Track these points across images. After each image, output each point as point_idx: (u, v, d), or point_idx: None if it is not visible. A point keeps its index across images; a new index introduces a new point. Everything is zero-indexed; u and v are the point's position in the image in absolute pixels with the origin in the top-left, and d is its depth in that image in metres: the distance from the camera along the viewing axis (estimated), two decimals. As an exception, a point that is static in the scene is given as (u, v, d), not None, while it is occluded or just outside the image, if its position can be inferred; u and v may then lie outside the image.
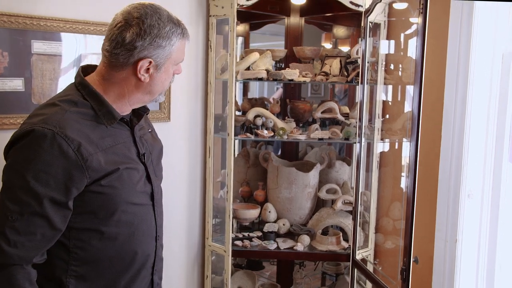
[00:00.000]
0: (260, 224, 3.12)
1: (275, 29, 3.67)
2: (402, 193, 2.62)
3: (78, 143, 1.33)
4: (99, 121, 1.43)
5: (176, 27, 1.45)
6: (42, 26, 2.22)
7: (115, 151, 1.44)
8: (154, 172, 1.59)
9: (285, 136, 2.96)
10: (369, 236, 3.04)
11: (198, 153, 3.00)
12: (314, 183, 3.11)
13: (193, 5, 2.85)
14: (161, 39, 1.41)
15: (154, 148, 1.64)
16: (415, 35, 2.22)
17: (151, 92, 1.49)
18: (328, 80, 3.01)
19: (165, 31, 1.41)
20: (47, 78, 2.27)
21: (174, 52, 1.45)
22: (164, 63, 1.45)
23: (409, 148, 2.24)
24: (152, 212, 1.56)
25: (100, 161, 1.38)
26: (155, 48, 1.41)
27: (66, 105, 1.41)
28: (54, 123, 1.33)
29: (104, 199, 1.40)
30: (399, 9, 2.91)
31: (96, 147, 1.38)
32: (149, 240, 1.56)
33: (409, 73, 2.70)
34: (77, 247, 1.43)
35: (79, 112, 1.40)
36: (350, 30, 3.66)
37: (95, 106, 1.43)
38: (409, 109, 2.50)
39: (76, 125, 1.37)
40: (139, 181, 1.50)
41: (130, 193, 1.46)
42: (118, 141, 1.47)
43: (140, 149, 1.54)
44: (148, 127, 1.70)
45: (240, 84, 3.81)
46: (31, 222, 1.32)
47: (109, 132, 1.46)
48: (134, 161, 1.50)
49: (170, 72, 1.49)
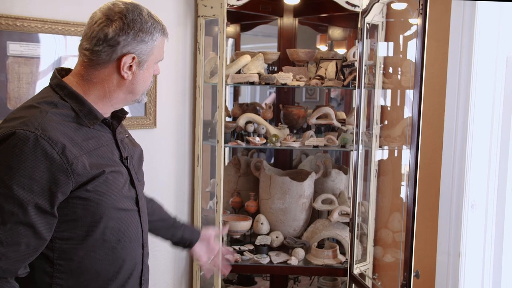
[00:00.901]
0: (252, 236, 3.11)
1: (268, 30, 3.68)
2: (402, 203, 2.62)
3: (62, 145, 1.34)
4: (80, 123, 1.44)
5: (157, 23, 1.50)
6: (19, 27, 2.20)
7: (99, 153, 1.45)
8: (136, 177, 1.60)
9: (278, 144, 2.96)
10: (368, 249, 3.03)
11: (186, 162, 2.99)
12: (309, 193, 3.10)
13: (180, 5, 2.84)
14: (144, 33, 1.45)
15: (134, 152, 1.66)
16: (414, 36, 2.23)
17: (133, 91, 1.51)
18: (323, 84, 3.01)
19: (147, 26, 1.46)
20: (24, 82, 2.25)
21: (156, 49, 1.49)
22: (146, 60, 1.48)
23: (409, 156, 2.24)
24: (138, 218, 1.57)
25: (85, 164, 1.38)
26: (138, 43, 1.45)
27: (45, 106, 1.40)
28: (36, 125, 1.33)
29: (90, 205, 1.40)
30: (397, 10, 2.92)
31: (80, 149, 1.39)
32: (136, 247, 1.56)
33: (409, 76, 2.71)
34: (62, 259, 1.42)
35: (60, 114, 1.40)
36: (347, 32, 3.67)
37: (76, 107, 1.44)
38: (409, 115, 2.51)
39: (59, 126, 1.37)
40: (124, 185, 1.50)
41: (116, 198, 1.46)
42: (102, 143, 1.48)
43: (123, 152, 1.56)
44: (125, 132, 1.71)
45: (231, 89, 3.82)
46: (15, 231, 1.30)
47: (92, 134, 1.46)
48: (119, 164, 1.51)
49: (151, 71, 1.53)
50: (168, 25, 2.77)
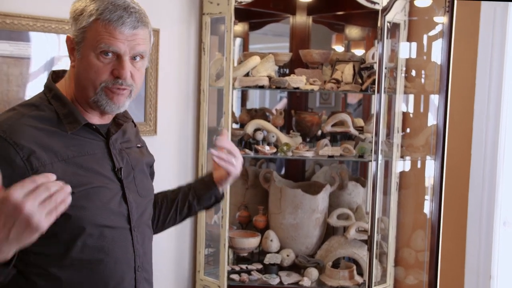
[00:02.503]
0: (261, 255, 3.10)
1: (279, 29, 3.68)
2: (426, 219, 2.62)
3: (29, 150, 1.33)
4: (62, 128, 1.43)
5: (95, 2, 1.41)
6: (8, 25, 2.20)
7: (79, 162, 1.42)
8: (136, 190, 1.57)
9: (289, 153, 2.95)
10: (388, 269, 3.01)
11: (189, 172, 2.98)
12: (323, 207, 3.09)
13: (184, 1, 2.85)
14: (77, 12, 1.42)
15: (138, 163, 1.63)
16: (440, 36, 2.23)
17: (80, 83, 1.44)
18: (339, 88, 3.01)
19: (81, 3, 1.43)
20: (14, 84, 2.26)
21: (89, 32, 1.41)
22: (81, 43, 1.42)
23: (433, 167, 2.23)
24: (129, 237, 1.52)
25: (56, 173, 1.30)
26: (73, 22, 1.43)
27: (25, 109, 1.41)
28: (4, 128, 1.34)
29: (67, 220, 1.37)
30: (421, 7, 2.93)
31: (54, 156, 1.37)
32: (125, 270, 1.51)
33: (433, 80, 2.70)
34: (35, 274, 1.40)
35: (38, 117, 1.40)
36: (365, 31, 3.67)
37: (59, 110, 1.44)
38: (434, 122, 2.50)
39: (32, 131, 1.36)
40: (111, 200, 1.47)
41: (99, 213, 1.43)
42: (86, 152, 1.45)
43: (117, 163, 1.52)
44: (137, 141, 1.69)
45: (238, 93, 3.82)
46: None
47: (75, 141, 1.44)
48: (104, 177, 1.47)
49: (92, 61, 1.42)
50: (171, 23, 2.82)
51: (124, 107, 1.49)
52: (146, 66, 1.53)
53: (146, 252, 1.61)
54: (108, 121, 1.54)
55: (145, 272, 1.60)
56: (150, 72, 2.74)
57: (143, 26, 1.44)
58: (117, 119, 1.57)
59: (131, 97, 1.48)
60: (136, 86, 1.47)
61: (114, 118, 1.56)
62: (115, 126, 1.56)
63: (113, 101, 1.44)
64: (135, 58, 1.44)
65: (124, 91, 1.44)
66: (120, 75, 1.41)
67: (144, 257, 1.59)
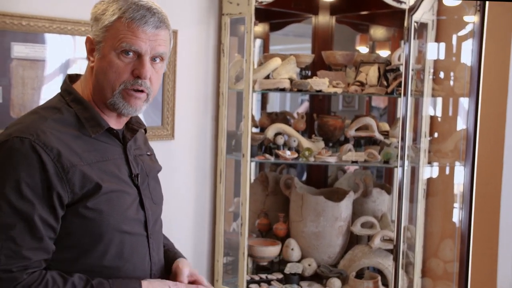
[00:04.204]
0: (281, 264, 3.09)
1: (300, 30, 3.69)
2: (455, 228, 2.60)
3: (58, 152, 1.36)
4: (84, 132, 1.45)
5: (118, 2, 1.45)
6: (24, 26, 2.23)
7: (102, 167, 1.45)
8: (150, 197, 1.59)
9: (311, 158, 2.95)
10: (414, 281, 2.99)
11: (207, 178, 2.99)
12: (347, 215, 3.08)
13: (203, 1, 2.85)
14: (98, 11, 1.45)
15: (152, 170, 1.65)
16: (470, 37, 2.24)
17: (98, 83, 1.47)
18: (363, 91, 3.00)
19: (104, 3, 1.46)
20: (29, 87, 2.28)
21: (112, 30, 1.43)
22: (101, 43, 1.45)
23: (463, 174, 2.24)
24: (146, 244, 1.55)
25: (85, 175, 1.38)
26: (94, 23, 1.46)
27: (47, 112, 1.44)
28: (31, 131, 1.36)
29: (88, 225, 1.40)
30: (451, 6, 2.91)
31: (79, 159, 1.40)
32: (141, 278, 1.52)
33: (463, 82, 2.69)
34: None
35: (61, 121, 1.43)
36: (391, 31, 3.66)
37: (80, 114, 1.46)
38: (463, 127, 2.48)
39: (57, 134, 1.39)
40: (130, 207, 1.49)
41: (120, 219, 1.45)
42: (107, 157, 1.48)
43: (134, 169, 1.54)
44: (147, 150, 1.71)
45: (258, 96, 3.83)
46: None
47: (96, 146, 1.47)
48: (124, 183, 1.50)
49: (113, 60, 1.44)
50: (189, 24, 2.82)
51: (141, 111, 1.51)
52: (164, 69, 1.55)
53: (160, 260, 1.62)
54: (121, 126, 1.56)
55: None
56: (168, 75, 2.75)
57: (164, 27, 1.47)
58: (130, 125, 1.59)
59: (148, 101, 1.50)
60: (153, 90, 1.49)
61: (127, 124, 1.58)
62: (129, 132, 1.58)
63: (130, 104, 1.46)
64: (155, 60, 1.46)
65: (141, 94, 1.46)
66: (141, 74, 1.43)
67: (158, 264, 1.60)
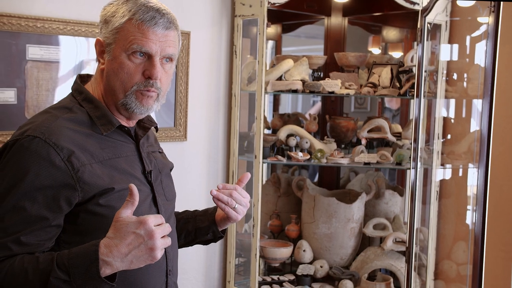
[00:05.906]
0: (293, 265, 3.09)
1: (313, 31, 3.69)
2: (468, 230, 2.58)
3: (68, 151, 1.37)
4: (95, 130, 1.48)
5: (128, 3, 1.47)
6: (39, 28, 2.25)
7: (114, 164, 1.47)
8: (163, 194, 1.61)
9: (323, 160, 2.95)
10: (427, 283, 2.97)
11: (219, 179, 3.00)
12: (359, 216, 3.07)
13: (215, 3, 2.86)
14: (108, 13, 1.48)
15: (164, 167, 1.67)
16: (484, 38, 2.23)
17: (109, 85, 1.49)
18: (376, 92, 3.00)
19: (114, 4, 1.48)
20: (43, 88, 2.30)
21: (122, 31, 1.45)
22: (111, 45, 1.47)
23: (477, 176, 2.21)
24: None
25: (95, 173, 1.40)
26: (104, 25, 1.49)
27: (58, 111, 1.46)
28: (42, 130, 1.38)
29: (102, 222, 1.40)
30: (464, 7, 2.90)
31: (91, 157, 1.42)
32: (158, 274, 1.54)
33: (477, 84, 2.68)
34: None
35: (73, 119, 1.45)
36: (404, 33, 3.65)
37: (91, 112, 1.48)
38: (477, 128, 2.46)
39: (69, 132, 1.41)
40: (143, 203, 1.50)
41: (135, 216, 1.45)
42: (119, 154, 1.50)
43: (147, 166, 1.56)
44: (158, 147, 1.73)
45: (270, 97, 3.83)
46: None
47: (109, 143, 1.49)
48: (137, 180, 1.51)
49: (124, 61, 1.46)
50: (202, 25, 2.84)
51: (152, 110, 1.53)
52: (173, 70, 1.56)
53: (174, 256, 1.64)
54: (133, 125, 1.58)
55: (174, 276, 1.63)
56: (180, 76, 2.76)
57: (174, 28, 1.49)
58: (142, 123, 1.60)
59: (159, 100, 1.52)
60: (163, 90, 1.51)
61: (139, 122, 1.60)
62: (141, 130, 1.60)
63: (142, 103, 1.48)
64: (165, 61, 1.49)
65: (152, 92, 1.48)
66: (152, 75, 1.45)
67: (173, 260, 1.62)
